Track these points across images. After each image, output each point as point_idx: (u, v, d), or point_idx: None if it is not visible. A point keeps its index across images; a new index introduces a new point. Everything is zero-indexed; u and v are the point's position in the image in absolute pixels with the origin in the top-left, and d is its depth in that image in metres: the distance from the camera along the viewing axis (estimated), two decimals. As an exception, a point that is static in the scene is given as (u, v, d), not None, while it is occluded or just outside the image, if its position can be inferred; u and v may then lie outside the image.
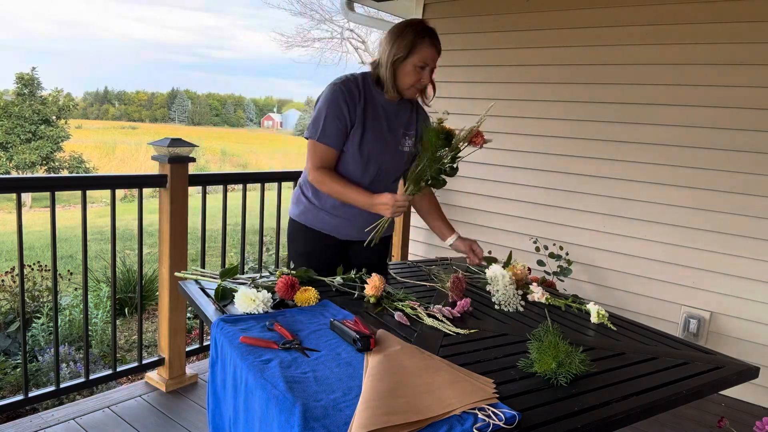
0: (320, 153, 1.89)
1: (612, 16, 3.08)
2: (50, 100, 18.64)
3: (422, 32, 1.84)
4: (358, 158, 1.90)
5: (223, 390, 1.37)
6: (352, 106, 1.86)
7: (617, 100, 3.09)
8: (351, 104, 1.86)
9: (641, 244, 3.06)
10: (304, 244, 2.05)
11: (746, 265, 2.77)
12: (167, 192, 2.49)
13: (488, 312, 1.69)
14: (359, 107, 1.87)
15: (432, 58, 1.87)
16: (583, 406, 1.16)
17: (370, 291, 1.64)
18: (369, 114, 1.89)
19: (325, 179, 1.89)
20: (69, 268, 5.64)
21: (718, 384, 1.37)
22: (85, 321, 2.48)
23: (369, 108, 1.90)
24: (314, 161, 1.90)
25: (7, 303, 3.89)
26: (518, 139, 3.48)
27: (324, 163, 1.90)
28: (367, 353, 1.27)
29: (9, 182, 2.42)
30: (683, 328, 2.95)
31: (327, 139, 1.86)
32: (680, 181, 2.92)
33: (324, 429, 0.99)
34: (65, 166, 18.32)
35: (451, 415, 1.05)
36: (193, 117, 68.27)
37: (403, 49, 1.83)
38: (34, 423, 2.24)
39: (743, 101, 2.72)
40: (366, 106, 1.89)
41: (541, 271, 3.22)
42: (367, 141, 1.89)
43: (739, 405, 2.75)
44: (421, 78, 1.87)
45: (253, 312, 1.48)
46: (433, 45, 1.86)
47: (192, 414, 2.40)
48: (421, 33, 1.84)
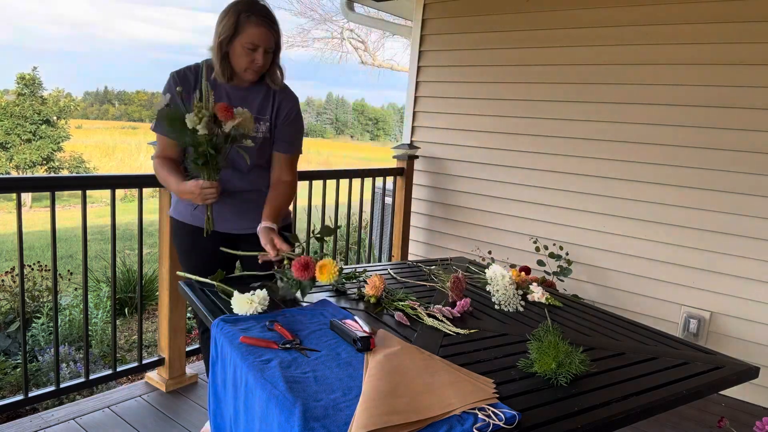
0: (159, 142, 1.88)
1: (612, 16, 3.08)
2: (51, 101, 18.65)
3: (247, 10, 1.73)
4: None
5: (223, 390, 1.37)
6: (187, 95, 1.79)
7: (617, 100, 3.09)
8: (185, 93, 1.79)
9: (641, 244, 3.06)
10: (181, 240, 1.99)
11: (746, 265, 2.77)
12: (167, 192, 2.49)
13: (488, 312, 1.69)
14: (194, 95, 1.79)
15: (262, 38, 1.75)
16: (583, 406, 1.16)
17: (370, 291, 1.64)
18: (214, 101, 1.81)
19: (157, 167, 1.87)
20: (69, 268, 5.64)
21: (718, 384, 1.37)
22: (85, 321, 2.48)
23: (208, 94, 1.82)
24: (155, 150, 1.89)
25: (7, 303, 3.89)
26: (518, 139, 3.48)
27: (161, 152, 1.87)
28: (367, 353, 1.27)
29: (9, 182, 2.42)
30: (683, 328, 2.95)
31: (162, 128, 1.81)
32: (680, 181, 2.92)
33: (324, 429, 0.99)
34: (65, 166, 18.32)
35: (451, 415, 1.05)
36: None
37: (228, 29, 1.74)
38: (34, 423, 2.24)
39: (743, 101, 2.72)
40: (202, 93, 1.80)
41: (541, 271, 3.22)
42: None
43: (739, 405, 2.75)
44: (254, 59, 1.77)
45: (252, 313, 1.48)
46: (261, 24, 1.74)
47: (192, 414, 2.40)
48: (245, 11, 1.73)
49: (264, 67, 1.82)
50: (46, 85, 18.86)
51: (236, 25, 1.74)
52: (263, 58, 1.78)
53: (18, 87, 18.35)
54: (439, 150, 3.83)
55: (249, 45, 1.75)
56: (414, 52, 3.88)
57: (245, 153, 1.79)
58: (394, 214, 3.83)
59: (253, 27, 1.74)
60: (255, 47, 1.76)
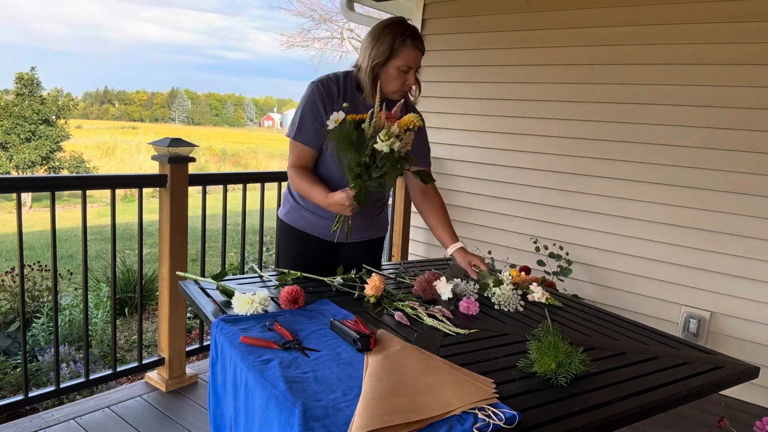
0: (297, 151, 1.88)
1: (612, 16, 3.08)
2: (49, 100, 18.65)
3: (402, 33, 1.78)
4: (337, 158, 1.83)
5: (223, 390, 1.37)
6: (330, 106, 1.82)
7: (617, 100, 3.09)
8: (329, 103, 1.82)
9: (641, 244, 3.06)
10: (292, 246, 2.03)
11: (746, 265, 2.77)
12: (167, 192, 2.49)
13: (488, 312, 1.69)
14: (338, 106, 1.81)
15: (415, 60, 1.81)
16: (583, 406, 1.16)
17: (370, 291, 1.64)
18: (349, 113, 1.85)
19: (295, 177, 1.88)
20: (69, 268, 5.65)
21: (718, 384, 1.37)
22: (85, 321, 2.48)
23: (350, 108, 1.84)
24: (291, 159, 1.89)
25: (7, 303, 3.89)
26: (518, 139, 3.48)
27: (299, 161, 1.88)
28: (367, 353, 1.27)
29: (9, 182, 2.42)
30: (683, 328, 2.95)
31: (303, 137, 1.85)
32: (680, 181, 2.92)
33: (324, 429, 0.99)
34: (65, 165, 18.32)
35: (451, 415, 1.05)
36: (193, 117, 68.32)
37: (383, 53, 1.78)
38: (34, 423, 2.24)
39: (744, 101, 2.72)
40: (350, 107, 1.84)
41: (541, 271, 3.22)
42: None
43: (739, 405, 2.75)
44: (406, 81, 1.83)
45: (252, 313, 1.48)
46: (415, 47, 1.80)
47: (192, 414, 2.40)
48: (401, 35, 1.77)
49: (411, 86, 1.88)
50: (48, 84, 18.86)
51: (391, 50, 1.78)
52: (413, 78, 1.84)
53: (17, 87, 18.35)
54: (440, 150, 3.82)
55: (404, 68, 1.80)
56: (414, 52, 3.87)
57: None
58: (394, 214, 3.83)
59: (409, 50, 1.79)
60: (408, 69, 1.81)
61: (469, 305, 1.63)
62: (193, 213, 2.74)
